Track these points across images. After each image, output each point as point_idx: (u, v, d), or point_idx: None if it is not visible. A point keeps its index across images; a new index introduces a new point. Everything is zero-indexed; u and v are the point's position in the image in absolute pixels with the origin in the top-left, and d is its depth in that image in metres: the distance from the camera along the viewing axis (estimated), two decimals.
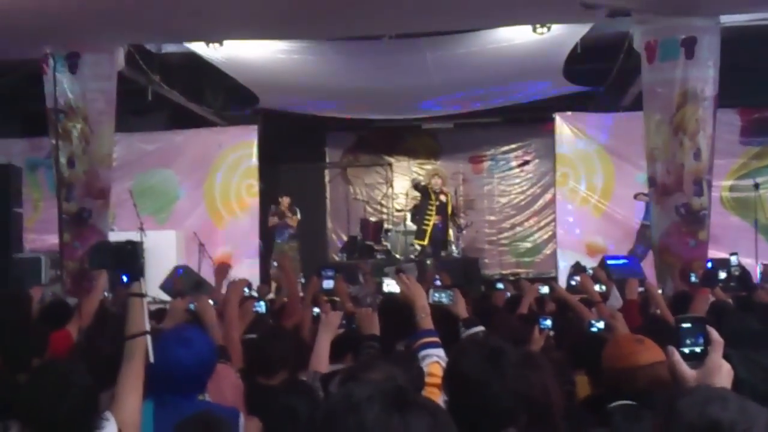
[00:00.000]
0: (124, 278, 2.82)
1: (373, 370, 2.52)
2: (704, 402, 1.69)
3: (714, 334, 1.92)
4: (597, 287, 6.33)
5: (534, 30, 9.23)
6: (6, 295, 5.09)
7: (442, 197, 12.53)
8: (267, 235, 12.59)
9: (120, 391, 2.69)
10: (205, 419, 2.67)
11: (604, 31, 9.48)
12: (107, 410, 2.64)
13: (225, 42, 9.66)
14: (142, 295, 2.80)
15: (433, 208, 12.38)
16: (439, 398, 2.48)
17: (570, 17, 8.90)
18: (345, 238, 14.17)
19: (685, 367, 1.91)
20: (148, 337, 2.75)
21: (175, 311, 4.59)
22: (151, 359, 2.73)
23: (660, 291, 6.18)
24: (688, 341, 1.94)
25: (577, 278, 6.21)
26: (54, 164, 9.51)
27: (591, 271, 7.41)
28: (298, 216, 12.45)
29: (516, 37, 9.57)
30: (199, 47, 9.95)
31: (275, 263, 11.62)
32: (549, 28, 9.18)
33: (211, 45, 9.73)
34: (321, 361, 3.41)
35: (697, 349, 1.92)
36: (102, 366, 2.87)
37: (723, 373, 1.88)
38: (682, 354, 1.93)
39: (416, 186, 13.17)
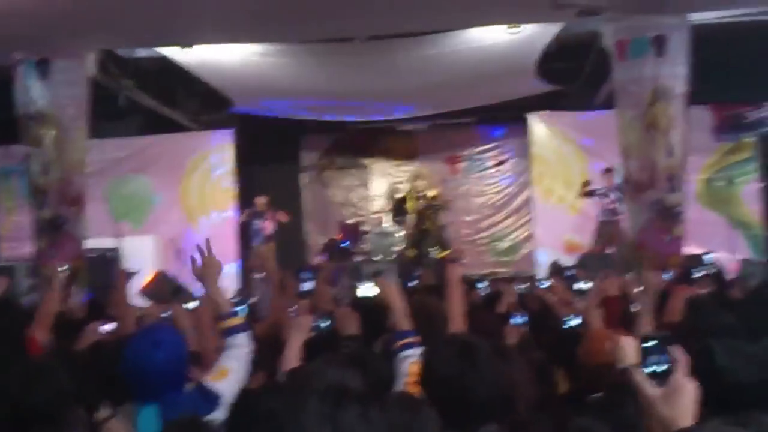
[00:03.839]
0: None
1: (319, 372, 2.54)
2: None
3: (678, 352, 1.92)
4: (582, 284, 6.36)
5: (506, 30, 9.27)
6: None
7: (420, 203, 12.56)
8: (243, 237, 12.55)
9: None
10: (193, 424, 2.65)
11: (575, 30, 9.54)
12: None
13: (199, 47, 9.62)
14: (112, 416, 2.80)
15: (413, 216, 12.52)
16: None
17: (541, 17, 8.95)
18: (323, 241, 14.14)
19: (650, 387, 1.91)
20: None
21: (149, 318, 4.58)
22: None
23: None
24: (652, 360, 1.93)
25: (547, 283, 6.24)
26: (27, 172, 9.41)
27: (573, 271, 7.43)
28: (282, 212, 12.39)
29: (488, 37, 9.60)
30: (171, 51, 9.89)
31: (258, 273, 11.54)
32: (521, 28, 9.23)
33: (182, 49, 9.67)
34: (290, 363, 3.40)
35: (662, 368, 1.92)
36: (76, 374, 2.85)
37: (687, 392, 1.88)
38: (647, 373, 1.92)
39: (391, 197, 13.34)
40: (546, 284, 6.23)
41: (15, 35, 8.37)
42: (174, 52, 9.88)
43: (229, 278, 10.71)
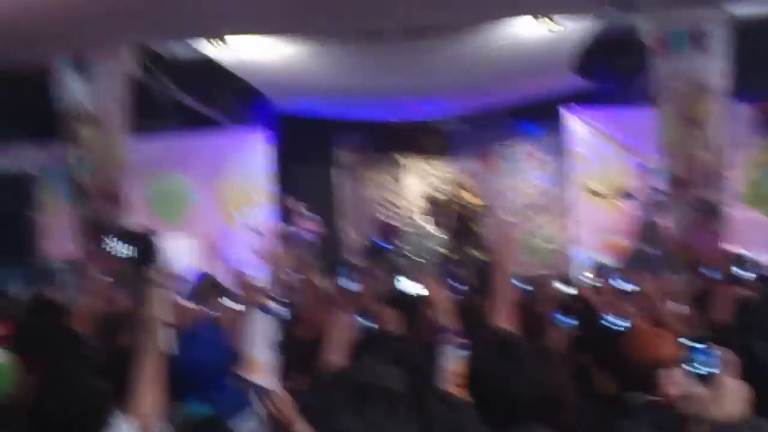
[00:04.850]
0: None
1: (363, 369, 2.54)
2: None
3: (725, 353, 1.89)
4: (626, 285, 6.29)
5: (543, 25, 9.21)
6: (43, 302, 5.06)
7: (460, 211, 12.46)
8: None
9: (136, 386, 2.64)
10: (211, 423, 2.65)
11: (613, 25, 9.44)
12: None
13: (235, 44, 9.66)
14: (158, 284, 2.77)
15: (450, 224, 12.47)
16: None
17: (578, 9, 8.88)
18: (359, 240, 14.16)
19: (696, 388, 1.88)
20: (167, 328, 2.73)
21: (194, 317, 4.60)
22: (174, 350, 2.70)
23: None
24: (698, 360, 1.90)
25: (592, 277, 6.19)
26: (68, 170, 9.55)
27: (617, 272, 7.35)
28: (311, 217, 12.38)
29: (524, 32, 9.54)
30: (209, 50, 9.96)
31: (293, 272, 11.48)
32: (558, 24, 9.16)
33: (221, 47, 9.71)
34: (334, 362, 3.41)
35: (708, 369, 1.89)
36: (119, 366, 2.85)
37: (735, 392, 1.85)
38: (692, 374, 1.89)
39: (432, 202, 13.23)
40: (591, 283, 6.17)
41: (54, 34, 8.50)
42: (212, 51, 9.95)
43: (266, 277, 10.74)
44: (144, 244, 2.87)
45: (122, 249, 2.97)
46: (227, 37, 9.48)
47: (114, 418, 2.56)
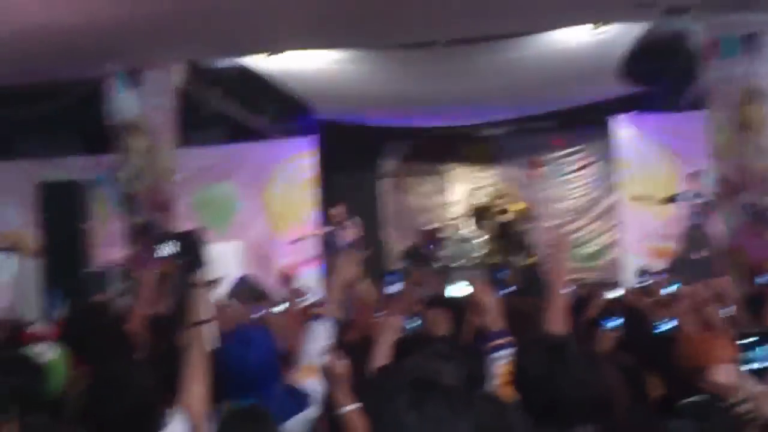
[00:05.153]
0: None
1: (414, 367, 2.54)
2: None
3: None
4: (671, 288, 6.22)
5: (589, 31, 9.13)
6: (91, 306, 5.16)
7: (502, 218, 12.35)
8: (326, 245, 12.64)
9: (184, 381, 2.69)
10: (254, 413, 2.66)
11: (662, 29, 9.32)
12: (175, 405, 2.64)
13: (280, 54, 9.77)
14: (204, 284, 2.82)
15: (492, 229, 12.38)
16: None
17: (626, 16, 8.79)
18: (403, 247, 14.15)
19: (751, 382, 1.86)
20: (210, 325, 2.78)
21: (239, 319, 4.66)
22: (222, 351, 2.74)
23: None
24: (752, 356, 1.89)
25: (646, 279, 6.12)
26: (118, 180, 9.73)
27: (661, 275, 7.28)
28: (354, 224, 12.35)
29: (571, 38, 9.47)
30: (255, 60, 10.08)
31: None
32: (605, 29, 9.07)
33: (267, 56, 9.83)
34: (380, 362, 3.41)
35: (762, 365, 1.88)
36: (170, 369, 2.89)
37: None
38: (746, 371, 1.88)
39: (476, 209, 13.15)
40: (638, 287, 6.11)
41: (106, 47, 8.69)
42: (257, 61, 10.06)
43: (312, 282, 10.79)
44: (190, 247, 2.92)
45: (169, 252, 3.02)
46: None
47: (166, 415, 2.61)
